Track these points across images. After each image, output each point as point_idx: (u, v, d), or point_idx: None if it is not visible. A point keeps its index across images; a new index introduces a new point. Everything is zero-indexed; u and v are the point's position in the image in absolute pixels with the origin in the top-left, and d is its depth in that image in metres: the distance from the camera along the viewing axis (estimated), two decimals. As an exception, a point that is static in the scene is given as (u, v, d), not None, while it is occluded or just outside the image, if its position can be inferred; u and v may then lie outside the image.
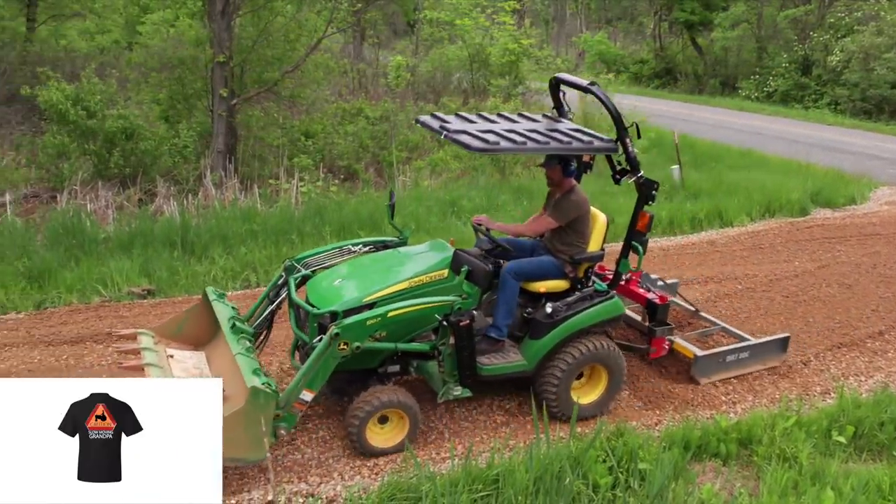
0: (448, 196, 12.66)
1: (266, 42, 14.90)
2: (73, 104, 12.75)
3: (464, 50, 21.74)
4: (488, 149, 5.58)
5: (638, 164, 6.37)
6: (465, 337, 5.79)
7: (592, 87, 6.28)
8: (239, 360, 5.47)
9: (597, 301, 6.39)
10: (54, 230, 10.00)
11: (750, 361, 7.36)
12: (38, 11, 21.34)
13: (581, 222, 6.52)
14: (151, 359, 5.70)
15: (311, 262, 6.58)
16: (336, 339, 5.40)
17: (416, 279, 5.94)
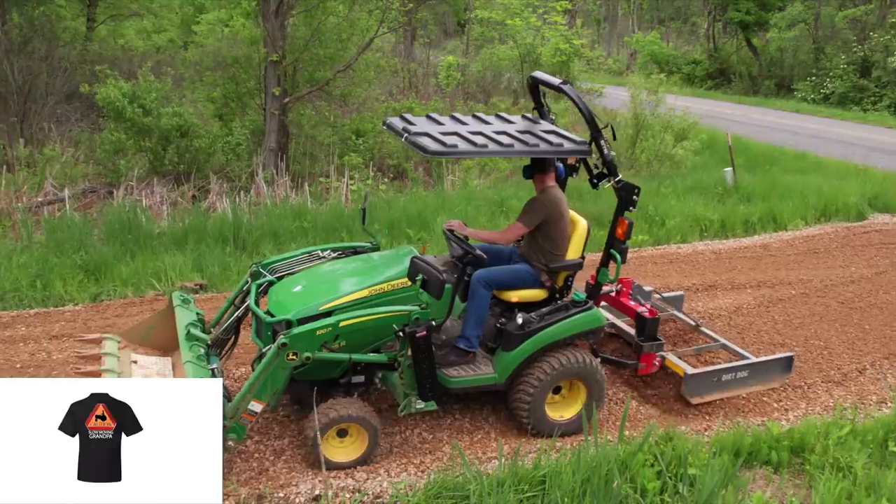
0: (497, 196, 12.64)
1: (318, 41, 15.03)
2: (129, 102, 13.00)
3: (514, 50, 21.69)
4: (445, 152, 5.36)
5: (615, 167, 6.06)
6: (423, 348, 5.55)
7: (564, 86, 6.00)
8: (186, 367, 5.32)
9: (573, 312, 6.09)
10: (111, 225, 10.24)
11: (750, 381, 6.85)
12: (97, 11, 21.86)
13: (553, 227, 6.15)
14: (110, 364, 5.57)
15: (279, 268, 6.35)
16: (284, 349, 5.23)
17: (377, 287, 5.72)
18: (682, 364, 6.78)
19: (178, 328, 5.80)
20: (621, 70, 36.92)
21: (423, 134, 5.53)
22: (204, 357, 5.55)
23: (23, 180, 12.66)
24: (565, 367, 5.98)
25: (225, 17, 17.85)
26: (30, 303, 8.46)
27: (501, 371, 5.96)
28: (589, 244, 6.53)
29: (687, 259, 10.97)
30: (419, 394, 5.74)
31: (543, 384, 5.95)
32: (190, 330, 5.73)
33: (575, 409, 6.21)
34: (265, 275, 6.23)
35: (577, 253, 6.31)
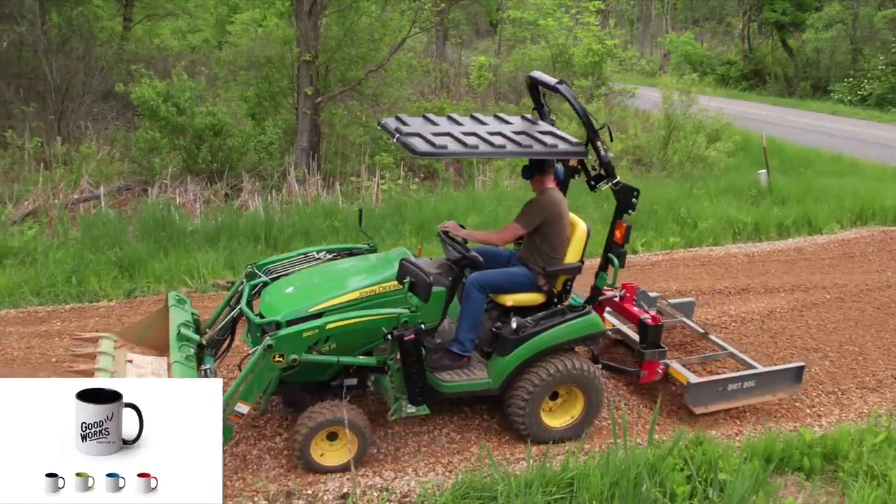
0: (528, 196, 12.52)
1: (350, 41, 15.10)
2: (164, 101, 13.16)
3: (546, 50, 21.60)
4: (434, 152, 5.32)
5: (613, 168, 5.93)
6: (412, 352, 5.47)
7: (560, 85, 5.88)
8: (174, 368, 5.30)
9: (570, 317, 5.98)
10: (145, 222, 10.38)
11: (757, 391, 6.68)
12: (133, 11, 22.15)
13: (551, 229, 6.04)
14: (104, 363, 5.58)
15: (274, 269, 6.29)
16: (270, 351, 5.18)
17: (369, 289, 5.63)
18: (686, 373, 6.64)
19: (170, 328, 5.76)
20: (654, 71, 36.66)
21: (415, 134, 5.46)
22: (193, 357, 5.48)
23: (60, 177, 12.87)
24: (561, 373, 5.87)
25: (259, 17, 17.99)
26: (65, 298, 8.60)
27: (496, 376, 5.86)
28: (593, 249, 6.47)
29: (719, 262, 10.86)
30: (409, 398, 5.64)
31: (538, 390, 5.85)
32: (180, 330, 5.67)
33: (573, 415, 6.11)
34: (260, 276, 6.17)
35: (577, 256, 6.20)
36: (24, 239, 10.02)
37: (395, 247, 6.72)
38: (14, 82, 16.80)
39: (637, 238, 11.42)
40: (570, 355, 5.97)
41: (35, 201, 11.93)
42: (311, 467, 5.51)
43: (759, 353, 7.83)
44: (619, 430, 5.57)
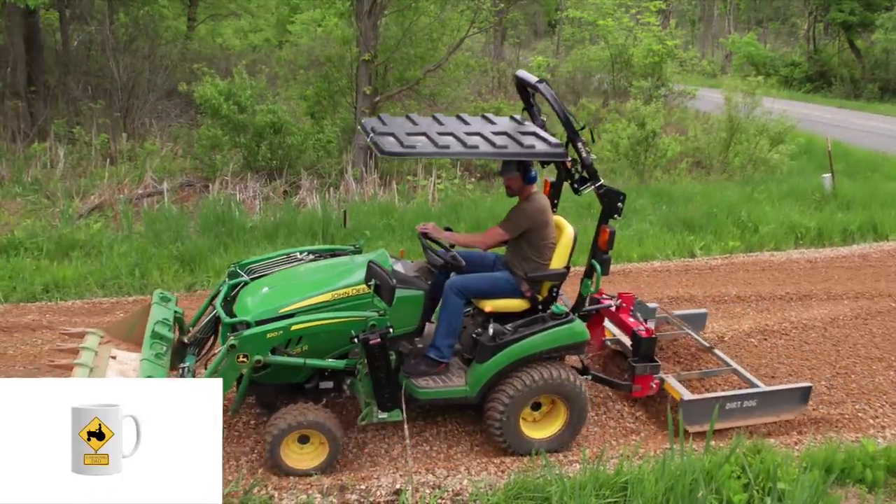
0: (584, 198, 12.46)
1: (409, 41, 15.19)
2: (225, 99, 13.40)
3: (606, 50, 21.43)
4: (401, 152, 5.16)
5: (596, 171, 5.68)
6: (379, 356, 5.32)
7: (540, 84, 5.65)
8: (141, 365, 5.24)
9: (551, 325, 5.72)
10: (206, 217, 10.60)
11: (758, 411, 6.31)
12: (197, 11, 22.61)
13: (537, 235, 5.82)
14: (85, 359, 5.52)
15: (256, 269, 6.21)
16: (233, 351, 5.13)
17: (341, 291, 5.49)
18: (681, 388, 6.33)
19: (147, 326, 5.69)
20: (715, 72, 36.05)
21: (388, 134, 5.34)
22: (164, 355, 5.39)
23: (124, 173, 13.22)
24: (539, 383, 5.63)
25: (319, 17, 18.20)
26: (128, 290, 8.82)
27: (473, 384, 5.68)
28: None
29: (780, 267, 10.64)
30: (378, 403, 5.52)
31: (516, 400, 5.63)
32: (155, 329, 5.57)
33: (555, 428, 5.89)
34: (242, 275, 6.11)
35: (563, 262, 5.92)
36: (90, 232, 10.32)
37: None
38: (83, 80, 17.31)
39: (695, 242, 11.25)
40: (551, 364, 5.72)
41: (101, 196, 12.28)
42: (280, 469, 5.42)
43: (821, 361, 7.65)
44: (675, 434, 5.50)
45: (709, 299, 9.13)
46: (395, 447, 5.91)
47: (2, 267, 9.21)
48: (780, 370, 7.44)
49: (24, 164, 13.88)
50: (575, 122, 5.58)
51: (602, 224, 5.74)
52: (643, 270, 10.20)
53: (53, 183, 12.94)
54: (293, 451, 5.46)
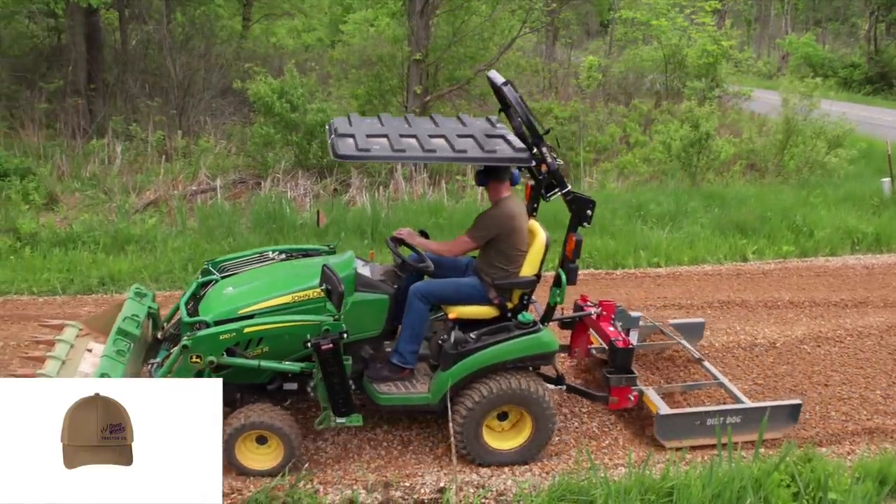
0: (635, 200, 12.41)
1: (460, 41, 15.20)
2: (278, 97, 13.56)
3: (659, 51, 21.17)
4: (354, 156, 5.05)
5: (562, 177, 5.48)
6: (331, 362, 5.23)
7: (504, 86, 5.40)
8: (101, 361, 5.20)
9: (516, 334, 5.54)
10: (258, 214, 10.76)
11: (743, 428, 5.95)
12: (252, 11, 22.93)
13: (506, 242, 5.63)
14: (59, 351, 5.53)
15: (228, 267, 6.17)
16: (186, 351, 5.11)
17: (302, 294, 5.43)
18: (659, 402, 6.10)
19: (116, 321, 5.64)
20: (772, 73, 35.40)
21: (349, 136, 5.23)
22: (126, 352, 5.32)
23: (179, 170, 13.47)
24: (500, 393, 5.48)
25: (371, 16, 18.32)
26: (181, 284, 8.97)
27: (435, 391, 5.56)
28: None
29: (836, 273, 10.40)
30: (332, 408, 5.45)
31: (475, 410, 5.49)
32: (120, 325, 5.53)
33: (520, 439, 5.72)
34: (214, 273, 6.09)
35: (533, 269, 5.73)
36: (145, 227, 10.54)
37: None
38: (141, 78, 17.68)
39: (748, 246, 11.06)
40: (517, 375, 5.55)
41: (156, 192, 12.54)
42: (234, 468, 5.37)
43: (876, 370, 7.48)
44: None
45: (760, 304, 8.97)
46: (439, 445, 5.92)
47: (60, 260, 9.46)
48: (833, 378, 7.29)
49: (83, 160, 14.23)
50: (539, 126, 5.40)
51: (570, 232, 5.55)
52: (693, 274, 10.07)
53: (111, 179, 13.25)
54: (250, 450, 5.42)
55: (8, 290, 8.73)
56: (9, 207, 11.15)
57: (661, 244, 10.76)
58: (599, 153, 16.46)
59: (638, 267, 10.23)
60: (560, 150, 15.88)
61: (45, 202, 12.05)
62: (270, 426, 5.29)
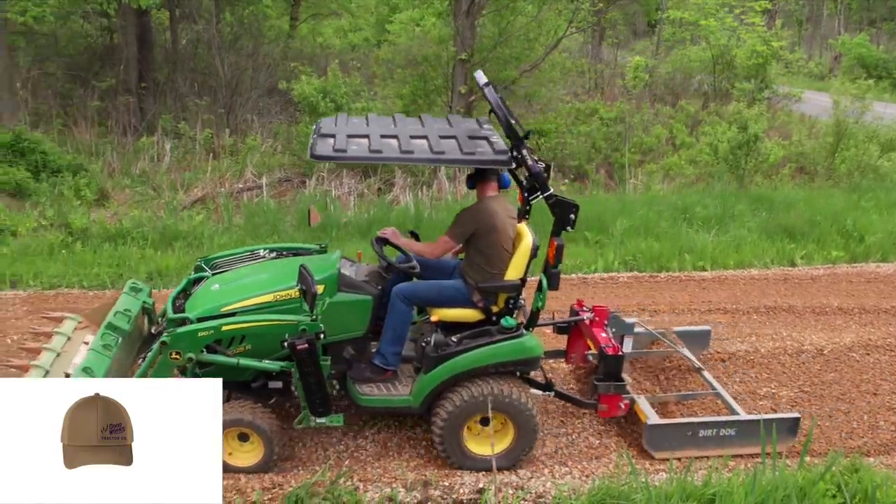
0: (681, 202, 12.27)
1: (506, 41, 15.17)
2: (322, 97, 13.67)
3: (707, 51, 20.90)
4: (329, 156, 4.99)
5: (545, 180, 5.33)
6: (307, 362, 5.20)
7: (485, 87, 5.28)
8: (88, 354, 5.25)
9: (498, 339, 5.42)
10: (302, 212, 10.85)
11: (738, 441, 5.81)
12: (300, 10, 23.15)
13: (485, 241, 5.53)
14: (56, 343, 5.58)
15: (220, 264, 6.18)
16: (165, 348, 5.13)
17: (283, 293, 5.40)
18: (649, 411, 5.95)
19: (108, 315, 5.70)
20: (823, 74, 34.72)
21: (330, 136, 5.20)
22: (113, 346, 5.36)
23: (226, 168, 13.67)
24: (481, 398, 5.38)
25: (418, 16, 18.37)
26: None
27: (416, 394, 5.50)
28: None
29: (887, 280, 10.17)
30: (309, 409, 5.44)
31: (454, 414, 5.41)
32: (110, 319, 5.57)
33: (503, 445, 5.59)
34: (206, 270, 6.12)
35: (519, 272, 5.58)
36: (192, 223, 10.72)
37: None
38: (190, 77, 17.96)
39: (796, 250, 10.86)
40: (499, 380, 5.45)
41: (203, 189, 12.74)
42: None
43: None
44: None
45: (808, 310, 8.81)
46: (479, 446, 5.92)
47: (110, 255, 9.65)
48: (883, 387, 7.12)
49: (133, 157, 14.52)
50: (520, 128, 5.28)
51: (552, 236, 5.41)
52: (739, 278, 9.92)
53: (159, 176, 13.50)
54: (232, 447, 5.45)
55: (59, 284, 8.94)
56: (61, 203, 11.43)
57: (706, 247, 10.62)
58: (645, 155, 16.31)
59: (683, 270, 10.11)
60: (605, 151, 15.79)
61: (96, 198, 12.33)
62: (249, 424, 5.32)
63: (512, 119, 5.26)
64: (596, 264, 10.05)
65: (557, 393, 6.13)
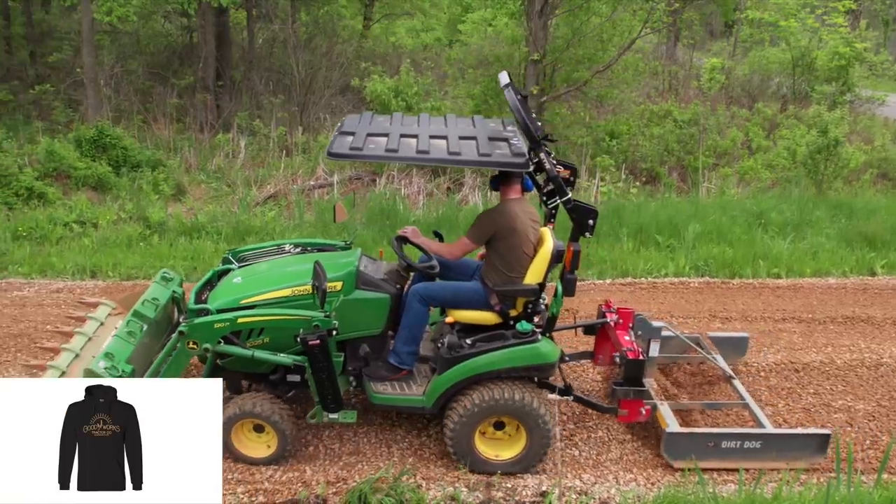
0: (756, 207, 11.97)
1: (579, 41, 15.04)
2: (394, 95, 13.76)
3: (786, 52, 20.36)
4: (345, 154, 5.02)
5: (562, 185, 5.25)
6: (319, 357, 5.25)
7: (505, 88, 5.23)
8: (111, 340, 5.41)
9: (511, 343, 5.37)
10: (372, 210, 11.00)
11: (763, 454, 5.65)
12: (374, 10, 23.38)
13: (504, 244, 5.48)
14: (88, 328, 5.83)
15: (247, 257, 6.31)
16: (182, 337, 5.26)
17: (301, 288, 5.45)
18: (671, 419, 5.82)
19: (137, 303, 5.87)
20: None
21: (349, 134, 5.25)
22: (137, 334, 5.50)
23: (298, 165, 13.89)
24: (492, 402, 5.34)
25: (490, 16, 18.35)
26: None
27: (430, 394, 5.49)
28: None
29: (975, 291, 9.75)
30: (321, 404, 5.50)
31: (465, 417, 5.37)
32: (137, 307, 5.73)
33: (514, 450, 5.55)
34: (233, 262, 6.24)
35: (537, 277, 5.49)
36: (264, 219, 10.93)
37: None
38: (265, 76, 18.32)
39: (877, 259, 10.48)
40: (511, 385, 5.39)
41: (276, 185, 12.98)
42: (230, 454, 5.53)
43: None
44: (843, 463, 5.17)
45: (889, 322, 8.51)
46: (543, 449, 5.88)
47: (185, 248, 9.91)
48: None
49: (209, 153, 14.88)
50: (537, 131, 5.20)
51: (570, 242, 5.34)
52: (816, 287, 9.63)
53: (234, 172, 13.80)
54: (249, 438, 5.57)
55: (137, 275, 9.23)
56: (140, 197, 11.79)
57: (782, 254, 10.34)
58: (719, 158, 15.97)
59: (756, 277, 9.87)
60: (678, 154, 15.52)
61: (173, 193, 12.68)
62: (261, 415, 5.41)
63: (530, 122, 5.18)
64: (667, 269, 9.88)
65: (576, 397, 6.07)
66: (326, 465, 5.63)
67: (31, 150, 13.27)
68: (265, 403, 5.43)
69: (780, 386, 7.00)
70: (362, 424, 6.08)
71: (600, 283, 9.44)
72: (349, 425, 6.03)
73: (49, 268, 9.34)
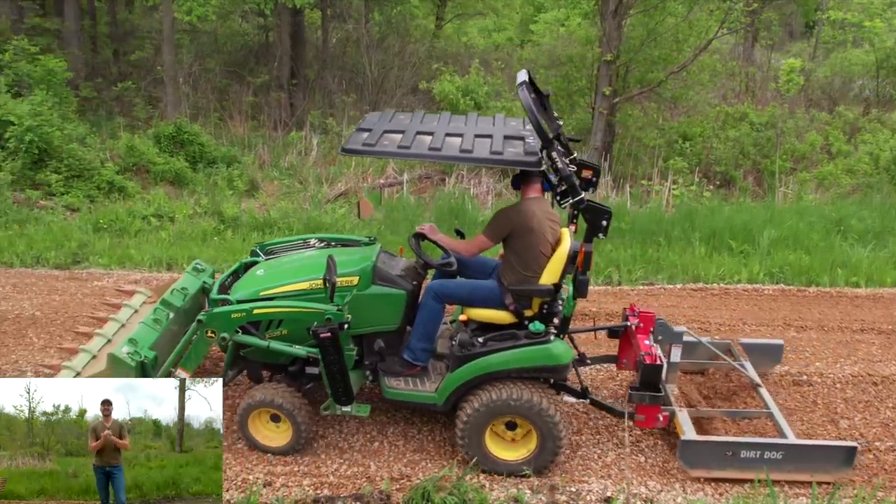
0: (834, 213, 11.60)
1: (653, 42, 14.82)
2: (463, 95, 13.79)
3: (870, 54, 19.69)
4: (358, 150, 5.04)
5: (575, 185, 5.10)
6: (330, 350, 5.23)
7: (519, 86, 5.06)
8: (138, 327, 5.60)
9: (522, 343, 5.29)
10: (440, 209, 11.03)
11: (785, 466, 5.41)
12: (446, 10, 23.47)
13: (520, 242, 5.40)
14: (122, 315, 6.08)
15: (274, 250, 6.42)
16: (201, 326, 5.40)
17: (318, 281, 5.48)
18: (688, 426, 5.66)
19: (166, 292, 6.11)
20: None
21: (366, 130, 5.25)
22: (162, 321, 5.78)
23: (369, 163, 14.01)
24: (500, 402, 5.26)
25: (563, 16, 18.24)
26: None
27: (442, 391, 5.47)
28: None
29: None
30: (333, 397, 5.49)
31: (474, 416, 5.31)
32: (165, 296, 5.97)
33: (524, 451, 5.45)
34: (260, 255, 6.35)
35: (554, 277, 5.41)
36: (334, 216, 11.06)
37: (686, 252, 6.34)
38: (338, 75, 18.56)
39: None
40: (522, 385, 5.30)
41: (347, 183, 13.13)
42: (247, 440, 5.65)
43: None
44: None
45: (975, 334, 8.15)
46: (608, 453, 5.82)
47: (256, 242, 10.09)
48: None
49: (282, 150, 15.14)
50: (549, 130, 5.08)
51: (583, 243, 5.23)
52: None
53: (306, 169, 14.01)
54: (265, 427, 5.64)
55: (210, 269, 9.44)
56: (215, 192, 12.07)
57: (861, 263, 9.99)
58: (797, 162, 15.54)
59: (834, 286, 9.55)
60: (754, 157, 15.16)
61: (246, 189, 12.96)
62: (279, 406, 5.48)
63: (545, 121, 5.09)
64: (740, 275, 9.65)
65: (592, 401, 5.98)
66: (391, 461, 5.67)
67: (112, 145, 13.71)
68: (282, 394, 5.52)
69: (857, 399, 6.77)
70: (427, 423, 6.10)
71: (671, 288, 9.27)
72: (413, 423, 6.07)
73: (127, 259, 9.63)
